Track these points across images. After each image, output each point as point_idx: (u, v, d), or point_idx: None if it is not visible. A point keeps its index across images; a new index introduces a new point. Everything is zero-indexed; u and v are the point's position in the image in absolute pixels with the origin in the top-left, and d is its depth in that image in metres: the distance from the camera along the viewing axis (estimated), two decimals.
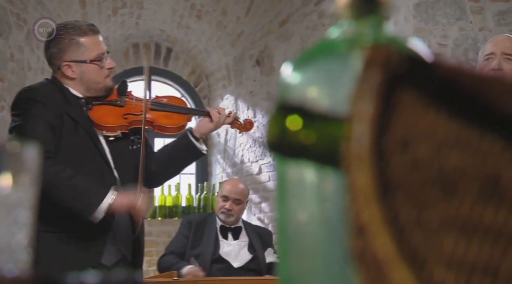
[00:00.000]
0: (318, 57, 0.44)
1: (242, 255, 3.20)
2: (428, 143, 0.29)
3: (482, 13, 4.11)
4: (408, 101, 0.29)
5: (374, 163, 0.28)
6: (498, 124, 0.28)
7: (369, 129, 0.29)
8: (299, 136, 0.33)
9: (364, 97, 0.29)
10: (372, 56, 0.30)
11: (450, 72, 0.29)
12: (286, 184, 0.41)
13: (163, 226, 5.05)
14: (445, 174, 0.28)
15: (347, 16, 0.43)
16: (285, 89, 0.45)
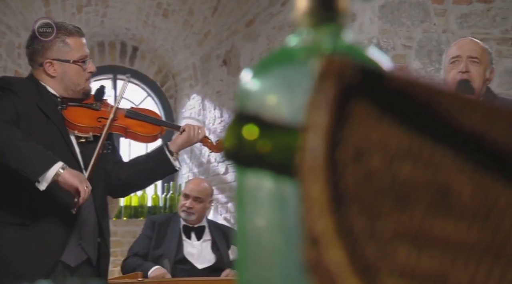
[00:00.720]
0: (277, 65, 0.44)
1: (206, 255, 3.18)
2: (381, 154, 0.29)
3: (446, 16, 4.18)
4: (362, 112, 0.29)
5: (328, 175, 0.29)
6: (448, 135, 0.28)
7: (323, 140, 0.29)
8: (255, 145, 0.33)
9: (318, 108, 0.30)
10: (326, 68, 0.30)
11: (403, 83, 0.29)
12: (245, 191, 0.41)
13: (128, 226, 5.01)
14: (397, 185, 0.29)
15: (305, 24, 0.43)
16: (244, 96, 0.45)
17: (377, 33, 4.13)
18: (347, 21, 0.43)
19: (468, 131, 0.28)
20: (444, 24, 4.16)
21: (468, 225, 0.27)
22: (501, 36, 4.14)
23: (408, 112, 0.29)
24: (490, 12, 4.16)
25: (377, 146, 0.29)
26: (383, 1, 4.11)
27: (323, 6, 0.43)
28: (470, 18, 4.16)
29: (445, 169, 0.28)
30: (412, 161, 0.29)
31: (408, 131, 0.29)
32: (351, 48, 0.44)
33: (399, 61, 4.15)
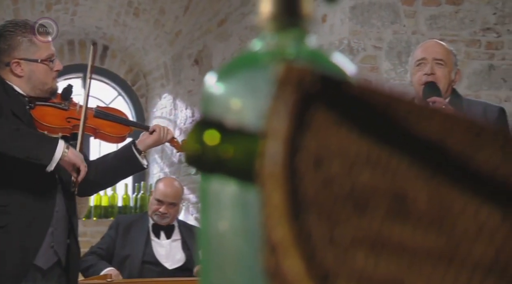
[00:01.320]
0: (241, 69, 0.44)
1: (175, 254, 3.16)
2: (341, 161, 0.29)
3: (415, 17, 4.23)
4: (322, 119, 0.30)
5: (287, 181, 0.29)
6: (405, 142, 0.29)
7: (283, 147, 0.29)
8: (216, 151, 0.33)
9: (278, 115, 0.30)
10: (285, 75, 0.30)
11: (362, 90, 0.30)
12: (209, 194, 0.41)
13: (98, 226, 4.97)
14: (356, 191, 0.29)
15: (270, 28, 0.44)
16: (209, 99, 0.45)
17: (347, 34, 4.17)
18: (311, 26, 0.44)
19: (424, 138, 0.28)
20: (414, 26, 4.21)
21: (424, 231, 0.28)
22: (470, 38, 4.21)
23: (366, 119, 0.29)
24: (459, 14, 4.22)
25: (337, 152, 0.29)
26: (353, 2, 4.14)
27: (287, 11, 0.43)
28: (439, 20, 4.21)
29: (402, 176, 0.28)
30: (371, 168, 0.29)
31: (367, 138, 0.29)
32: (315, 53, 0.44)
33: (370, 62, 4.19)
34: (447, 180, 0.28)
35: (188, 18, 4.84)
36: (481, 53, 4.22)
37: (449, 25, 4.23)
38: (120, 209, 5.09)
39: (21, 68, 2.11)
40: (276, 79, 0.30)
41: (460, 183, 0.28)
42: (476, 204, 0.27)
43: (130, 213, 4.99)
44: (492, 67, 4.21)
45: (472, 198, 0.27)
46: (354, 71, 0.44)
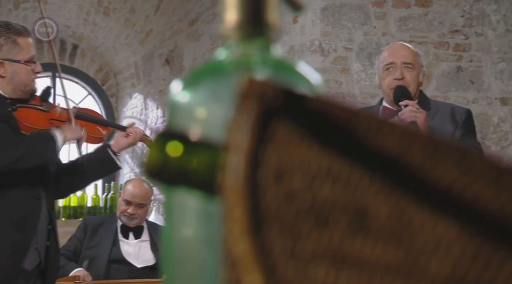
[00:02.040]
0: (206, 78, 0.44)
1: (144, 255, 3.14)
2: (302, 175, 0.29)
3: (385, 19, 4.27)
4: (283, 133, 0.30)
5: (248, 196, 0.29)
6: (366, 157, 0.29)
7: (244, 161, 0.29)
8: (179, 162, 0.33)
9: (239, 129, 0.30)
10: (247, 88, 0.30)
11: (324, 104, 0.30)
12: (173, 203, 0.41)
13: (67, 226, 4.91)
14: (318, 206, 0.29)
15: (234, 37, 0.44)
16: (174, 108, 0.45)
17: (319, 35, 4.19)
18: (276, 35, 0.44)
19: (384, 153, 0.29)
20: (384, 27, 4.25)
21: (384, 245, 0.28)
22: (438, 40, 4.27)
23: (328, 133, 0.30)
24: (428, 16, 4.27)
25: (298, 167, 0.29)
26: (324, 4, 4.16)
27: (252, 20, 0.43)
28: (408, 22, 4.26)
29: (363, 190, 0.29)
30: (332, 182, 0.29)
31: (328, 152, 0.29)
32: (280, 62, 0.44)
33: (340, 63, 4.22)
34: (406, 195, 0.28)
35: (159, 18, 4.81)
36: (450, 55, 4.29)
37: (418, 27, 4.28)
38: (89, 209, 5.04)
39: (4, 69, 2.09)
40: (238, 92, 0.30)
41: (418, 198, 0.28)
42: (434, 218, 0.28)
43: (100, 213, 4.94)
44: (460, 69, 4.27)
45: (430, 212, 0.28)
46: (319, 80, 0.44)
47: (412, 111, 2.22)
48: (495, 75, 4.24)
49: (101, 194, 5.16)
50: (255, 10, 0.43)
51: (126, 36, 5.01)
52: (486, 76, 4.25)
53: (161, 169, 0.33)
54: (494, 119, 4.21)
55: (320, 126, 0.30)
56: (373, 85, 4.21)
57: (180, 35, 4.84)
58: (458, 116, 2.38)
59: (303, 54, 4.29)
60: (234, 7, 0.43)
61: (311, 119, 0.30)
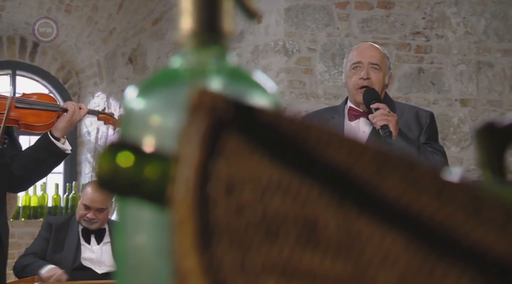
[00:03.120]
0: (161, 85, 0.44)
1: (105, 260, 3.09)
2: (253, 187, 0.29)
3: (348, 20, 4.31)
4: (234, 146, 0.30)
5: (198, 209, 0.29)
6: (315, 169, 0.29)
7: (194, 174, 0.29)
8: (130, 173, 0.33)
9: (190, 141, 0.30)
10: (198, 101, 0.30)
11: (274, 117, 0.30)
12: (125, 215, 0.41)
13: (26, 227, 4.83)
14: (268, 218, 0.29)
15: (190, 45, 0.43)
16: (128, 115, 0.44)
17: (283, 36, 4.21)
18: (232, 43, 0.44)
19: (334, 166, 0.29)
20: (347, 29, 4.29)
21: (333, 258, 0.28)
22: (400, 41, 4.33)
23: (278, 146, 0.30)
24: (390, 18, 4.33)
25: (249, 179, 0.30)
26: (288, 4, 4.18)
27: (207, 27, 0.43)
28: (371, 23, 4.31)
29: (313, 203, 0.29)
30: (282, 194, 0.29)
31: (279, 165, 0.30)
32: (236, 70, 0.44)
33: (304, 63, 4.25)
34: (355, 208, 0.29)
35: (122, 16, 4.76)
36: (411, 57, 4.35)
37: (380, 29, 4.33)
38: (50, 209, 4.96)
39: None
40: (189, 104, 0.30)
41: (367, 210, 0.28)
42: (382, 231, 0.28)
43: (61, 213, 4.87)
44: (421, 70, 4.34)
45: (378, 225, 0.28)
46: (274, 89, 0.44)
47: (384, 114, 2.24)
48: (455, 76, 4.32)
49: (62, 194, 5.08)
50: (210, 17, 0.43)
51: (88, 34, 4.95)
52: (447, 78, 4.33)
53: (111, 180, 0.33)
54: (454, 120, 4.29)
55: (270, 138, 0.30)
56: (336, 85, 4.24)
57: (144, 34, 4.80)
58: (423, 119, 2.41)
59: (267, 54, 4.30)
60: (189, 15, 0.43)
61: (262, 131, 0.30)
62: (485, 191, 0.29)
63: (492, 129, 0.45)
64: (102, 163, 0.33)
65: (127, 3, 4.65)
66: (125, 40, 4.89)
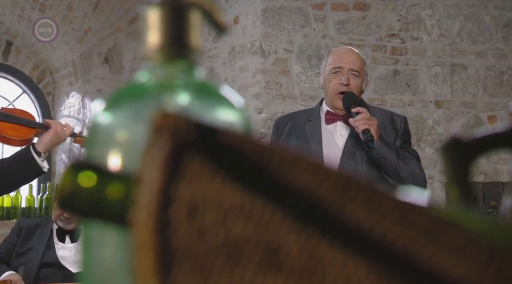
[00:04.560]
0: (128, 100, 0.43)
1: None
2: (215, 211, 0.29)
3: (325, 21, 4.32)
4: (196, 168, 0.29)
5: (159, 234, 0.28)
6: (278, 193, 0.29)
7: (156, 198, 0.29)
8: (91, 193, 0.32)
9: (151, 164, 0.29)
10: (160, 123, 0.29)
11: (237, 139, 0.30)
12: (90, 228, 0.40)
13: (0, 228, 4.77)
14: (230, 242, 0.29)
15: (157, 59, 0.43)
16: (95, 129, 0.44)
17: (259, 37, 4.21)
18: (199, 57, 0.43)
19: (297, 190, 0.29)
20: (324, 30, 4.31)
21: (295, 282, 0.28)
22: (376, 43, 4.35)
23: (241, 169, 0.29)
24: (366, 20, 4.35)
25: (211, 203, 0.29)
26: (265, 5, 4.18)
27: (175, 42, 0.43)
28: (347, 25, 4.33)
29: (275, 227, 0.29)
30: (244, 218, 0.29)
31: (241, 188, 0.29)
32: (203, 85, 0.44)
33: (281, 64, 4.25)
34: (317, 232, 0.28)
35: (97, 16, 4.72)
36: (387, 58, 4.38)
37: (356, 30, 4.35)
38: (24, 210, 4.90)
39: None
40: (151, 126, 0.30)
41: (329, 235, 0.28)
42: (344, 256, 0.28)
43: (35, 215, 4.81)
44: (396, 72, 4.37)
45: (341, 250, 0.28)
46: (241, 103, 0.44)
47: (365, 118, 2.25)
48: (430, 78, 4.36)
49: (36, 195, 5.02)
50: (178, 32, 0.43)
51: (63, 34, 4.90)
52: (422, 80, 4.37)
53: (73, 200, 0.33)
54: (429, 121, 4.33)
55: (233, 161, 0.30)
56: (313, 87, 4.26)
57: (120, 33, 4.77)
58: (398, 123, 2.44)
59: (244, 55, 4.30)
60: (156, 29, 0.43)
61: (225, 154, 0.30)
62: (446, 214, 0.29)
63: (458, 144, 0.45)
64: (64, 182, 0.33)
65: (103, 3, 4.61)
66: (101, 40, 4.85)
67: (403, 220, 0.28)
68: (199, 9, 0.44)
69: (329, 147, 2.38)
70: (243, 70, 4.30)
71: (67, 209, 0.33)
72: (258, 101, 4.21)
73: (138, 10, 0.45)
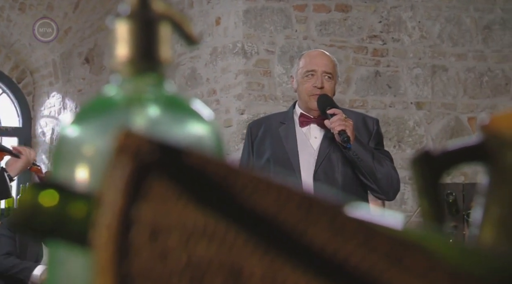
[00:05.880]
0: (96, 114, 0.43)
1: None
2: (178, 233, 0.29)
3: (306, 23, 4.33)
4: (159, 190, 0.29)
5: (119, 258, 0.28)
6: (241, 216, 0.29)
7: (117, 220, 0.28)
8: (52, 212, 0.32)
9: (113, 186, 0.29)
10: (122, 143, 0.29)
11: (201, 160, 0.29)
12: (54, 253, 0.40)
13: None
14: (192, 265, 0.29)
15: (126, 72, 0.42)
16: (62, 142, 0.43)
17: (241, 37, 4.20)
18: (169, 71, 0.43)
19: (260, 212, 0.29)
20: (305, 31, 4.31)
21: None
22: (357, 44, 4.37)
23: (205, 190, 0.29)
24: (347, 21, 4.36)
25: (174, 225, 0.29)
26: (246, 6, 4.18)
27: (144, 55, 0.42)
28: (329, 26, 4.34)
29: (238, 250, 0.28)
30: (208, 241, 0.29)
31: (205, 210, 0.29)
32: (173, 99, 0.43)
33: (263, 65, 4.25)
34: (281, 255, 0.28)
35: (78, 15, 4.69)
36: (368, 60, 4.39)
37: (338, 32, 4.36)
38: (3, 211, 4.85)
39: None
40: (113, 146, 0.29)
41: (293, 258, 0.28)
42: (307, 279, 0.28)
43: None
44: (378, 73, 4.39)
45: (304, 273, 0.28)
46: (211, 117, 0.43)
47: (341, 120, 2.27)
48: (411, 80, 4.39)
49: (15, 196, 4.98)
50: (147, 45, 0.42)
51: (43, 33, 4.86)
52: (403, 81, 4.39)
53: (31, 220, 0.32)
54: (410, 123, 4.35)
55: (197, 182, 0.29)
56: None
57: (101, 33, 4.73)
58: (370, 125, 2.46)
59: (226, 56, 4.29)
60: (125, 42, 0.42)
61: (188, 175, 0.29)
62: (411, 237, 0.29)
63: (428, 157, 0.45)
64: (23, 202, 0.32)
65: (84, 2, 4.58)
66: (81, 40, 4.81)
67: (367, 243, 0.28)
68: (169, 21, 0.43)
69: (304, 150, 2.39)
70: (225, 71, 4.29)
71: (24, 229, 0.32)
72: (240, 102, 4.20)
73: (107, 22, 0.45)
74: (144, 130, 0.30)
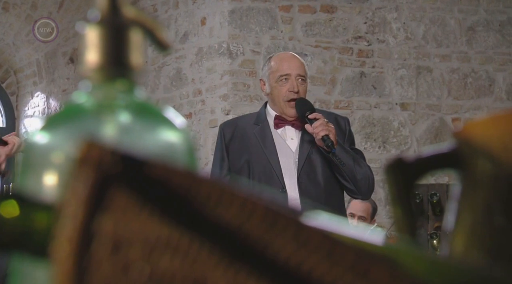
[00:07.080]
0: (65, 121, 0.42)
1: None
2: (141, 245, 0.28)
3: (292, 23, 4.33)
4: (122, 202, 0.28)
5: (80, 272, 0.27)
6: (205, 228, 0.28)
7: (77, 233, 0.28)
8: (13, 224, 0.31)
9: (74, 197, 0.28)
10: (84, 154, 0.28)
11: (164, 172, 0.29)
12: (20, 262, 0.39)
13: None
14: (155, 278, 0.28)
15: (96, 79, 0.42)
16: (30, 149, 0.42)
17: (227, 38, 4.20)
18: (140, 77, 0.42)
19: (224, 224, 0.28)
20: (291, 32, 4.31)
21: None
22: (343, 45, 4.38)
23: (168, 202, 0.29)
24: (333, 22, 4.37)
25: (137, 237, 0.28)
26: (232, 7, 4.17)
27: (114, 61, 0.42)
28: (314, 27, 4.34)
29: (202, 262, 0.28)
30: (171, 253, 0.28)
31: (168, 222, 0.28)
32: (144, 106, 0.43)
33: (248, 66, 4.25)
34: (245, 268, 0.28)
35: (62, 15, 4.66)
36: (353, 61, 4.41)
37: (323, 32, 4.37)
38: None
39: None
40: (74, 157, 0.29)
41: (257, 271, 0.28)
42: None
43: None
44: (363, 74, 4.40)
45: None
46: (183, 124, 0.43)
47: (324, 124, 2.27)
48: (395, 81, 4.40)
49: None
50: (118, 51, 0.41)
51: (27, 33, 4.82)
52: (388, 82, 4.41)
53: None
54: (394, 123, 4.37)
55: (160, 194, 0.29)
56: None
57: None
58: (343, 125, 2.47)
59: (211, 56, 4.28)
60: (95, 47, 0.41)
61: (151, 187, 0.29)
62: (377, 249, 0.29)
63: (401, 164, 0.45)
64: None
65: (68, 2, 4.55)
66: (66, 39, 4.78)
67: (332, 256, 0.27)
68: (140, 27, 0.43)
69: (283, 152, 2.38)
70: (211, 71, 4.28)
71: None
72: (226, 102, 4.20)
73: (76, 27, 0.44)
74: (114, 137, 0.29)
